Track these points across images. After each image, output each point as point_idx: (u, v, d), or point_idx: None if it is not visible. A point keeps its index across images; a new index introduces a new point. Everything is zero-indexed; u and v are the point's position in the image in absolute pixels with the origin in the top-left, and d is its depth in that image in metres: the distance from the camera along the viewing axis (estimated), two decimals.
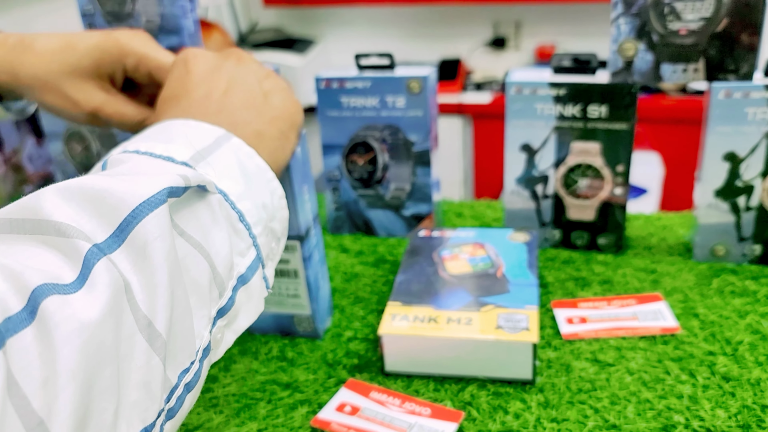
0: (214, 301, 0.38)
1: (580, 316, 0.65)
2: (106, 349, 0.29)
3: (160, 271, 0.33)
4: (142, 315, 0.31)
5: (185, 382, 0.35)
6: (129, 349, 0.30)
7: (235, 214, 0.40)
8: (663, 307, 0.65)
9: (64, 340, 0.27)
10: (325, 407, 0.55)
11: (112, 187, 0.33)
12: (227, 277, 0.39)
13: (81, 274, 0.29)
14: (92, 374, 0.28)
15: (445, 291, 0.62)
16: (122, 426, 0.30)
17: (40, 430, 0.25)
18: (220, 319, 0.39)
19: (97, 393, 0.28)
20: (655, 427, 0.51)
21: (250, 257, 0.41)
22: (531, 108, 0.74)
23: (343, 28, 2.57)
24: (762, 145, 0.68)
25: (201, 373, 0.37)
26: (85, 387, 0.27)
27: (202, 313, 0.37)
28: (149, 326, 0.32)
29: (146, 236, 0.32)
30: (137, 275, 0.32)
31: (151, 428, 0.32)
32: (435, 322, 0.58)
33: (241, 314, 0.41)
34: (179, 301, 0.34)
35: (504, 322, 0.57)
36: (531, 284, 0.62)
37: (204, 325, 0.37)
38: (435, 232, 0.74)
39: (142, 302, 0.32)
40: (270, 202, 0.44)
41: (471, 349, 0.56)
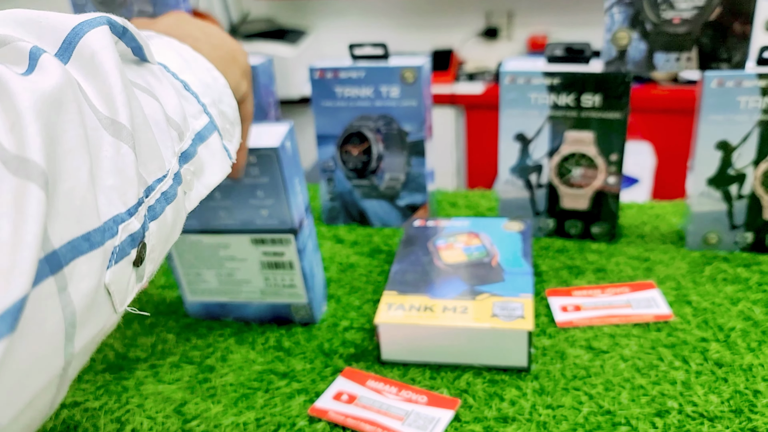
0: (175, 141, 0.38)
1: (574, 304, 0.65)
2: (67, 116, 0.28)
3: (112, 76, 0.32)
4: (103, 116, 0.31)
5: (161, 190, 0.35)
6: (95, 140, 0.30)
7: (179, 83, 0.41)
8: (656, 294, 0.66)
9: (21, 93, 0.26)
10: (322, 396, 0.55)
11: (46, 14, 0.32)
12: (183, 124, 0.39)
13: (29, 66, 0.29)
14: (55, 129, 0.27)
15: (440, 280, 0.63)
16: (102, 199, 0.30)
17: (16, 162, 0.25)
18: (186, 164, 0.39)
19: (65, 151, 0.28)
20: (649, 413, 0.51)
21: (203, 120, 0.42)
22: (525, 97, 0.74)
23: (335, 19, 2.56)
24: (754, 133, 0.68)
25: (177, 193, 0.37)
26: (50, 135, 0.27)
27: (165, 144, 0.36)
28: (113, 123, 0.31)
29: (93, 47, 0.32)
30: (91, 84, 0.32)
31: (134, 211, 0.32)
32: (431, 311, 0.58)
33: (207, 169, 0.42)
34: (137, 109, 0.34)
35: (499, 311, 0.57)
36: (526, 273, 0.63)
37: (170, 155, 0.37)
38: (430, 221, 0.74)
39: (100, 106, 0.31)
40: (214, 86, 0.44)
41: (466, 337, 0.57)
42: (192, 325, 0.67)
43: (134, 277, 0.33)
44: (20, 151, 0.25)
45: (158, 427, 0.54)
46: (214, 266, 0.64)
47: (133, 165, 0.32)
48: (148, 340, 0.65)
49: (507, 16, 2.42)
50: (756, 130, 0.68)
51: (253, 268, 0.63)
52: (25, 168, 0.25)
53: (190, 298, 0.67)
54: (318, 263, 0.67)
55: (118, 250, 0.30)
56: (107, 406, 0.56)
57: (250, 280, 0.64)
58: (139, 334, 0.66)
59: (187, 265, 0.64)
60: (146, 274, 0.35)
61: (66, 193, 0.27)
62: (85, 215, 0.28)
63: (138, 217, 0.32)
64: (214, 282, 0.65)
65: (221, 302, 0.66)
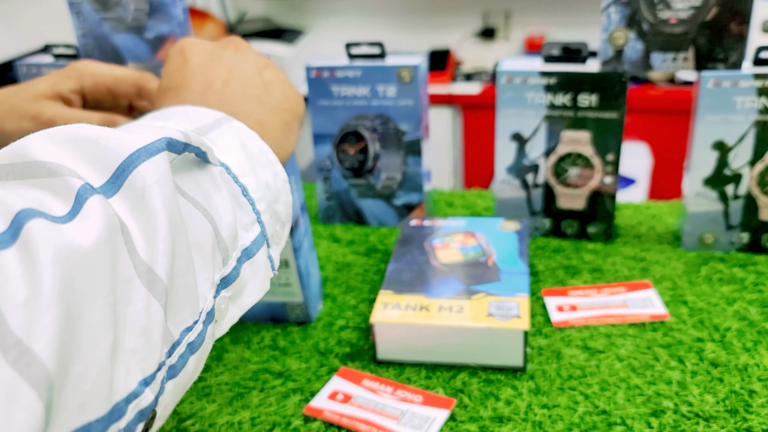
0: (218, 268, 0.36)
1: (570, 304, 0.65)
2: (98, 282, 0.26)
3: (159, 217, 0.30)
4: (140, 261, 0.29)
5: (188, 341, 0.33)
6: (126, 294, 0.28)
7: (238, 188, 0.39)
8: (652, 294, 0.66)
9: (49, 262, 0.24)
10: (317, 395, 0.55)
11: (107, 134, 0.31)
12: (231, 245, 0.37)
13: (73, 208, 0.27)
14: (81, 303, 0.25)
15: (436, 279, 0.62)
16: (120, 369, 0.28)
17: (17, 351, 0.22)
18: (225, 289, 0.37)
19: (87, 325, 0.26)
20: (645, 413, 0.51)
21: (254, 232, 0.40)
22: (522, 97, 0.74)
23: (332, 18, 2.56)
24: (750, 133, 0.68)
25: (205, 337, 0.34)
26: (72, 314, 0.25)
27: (206, 276, 0.35)
28: (149, 272, 0.29)
29: (144, 181, 0.30)
30: (136, 221, 0.30)
31: (150, 380, 0.29)
32: (426, 311, 0.58)
33: (247, 289, 0.39)
34: (181, 251, 0.32)
35: (495, 310, 0.57)
36: (522, 272, 0.63)
37: (207, 289, 0.35)
38: (426, 221, 0.74)
39: (140, 248, 0.29)
40: (273, 184, 0.42)
41: (462, 336, 0.57)
42: None
43: None
44: (27, 339, 0.23)
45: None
46: None
47: (160, 325, 0.30)
48: None
49: (504, 16, 2.42)
50: (752, 131, 0.68)
51: None
52: (27, 365, 0.22)
53: None
54: (314, 262, 0.67)
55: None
56: None
57: None
58: None
59: None
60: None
61: (76, 378, 0.25)
62: (91, 403, 0.26)
63: (153, 387, 0.30)
64: None
65: None
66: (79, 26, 0.85)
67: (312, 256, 0.66)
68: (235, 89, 0.47)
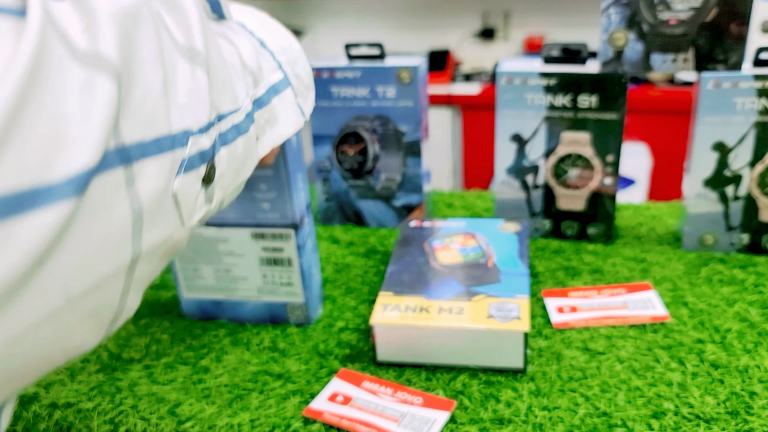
0: (249, 85, 0.38)
1: (570, 305, 0.65)
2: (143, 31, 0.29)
3: (191, 10, 0.33)
4: (179, 42, 0.32)
5: (234, 121, 0.36)
6: (170, 60, 0.31)
7: (256, 40, 0.41)
8: (652, 295, 0.66)
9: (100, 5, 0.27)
10: (317, 397, 0.55)
11: None
12: (258, 74, 0.39)
13: None
14: (132, 40, 0.28)
15: (436, 281, 0.62)
16: (173, 112, 0.30)
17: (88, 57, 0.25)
18: (260, 109, 0.39)
19: (140, 60, 0.28)
20: (645, 415, 0.51)
21: (278, 76, 0.42)
22: (521, 98, 0.74)
23: (331, 19, 2.56)
24: (750, 134, 0.68)
25: (250, 130, 0.37)
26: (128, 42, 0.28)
27: (239, 83, 0.37)
28: (189, 50, 0.32)
29: None
30: (169, 14, 0.32)
31: (205, 130, 0.33)
32: (426, 312, 0.58)
33: (280, 119, 0.42)
34: (212, 44, 0.34)
35: (495, 312, 0.57)
36: (522, 274, 0.62)
37: (244, 94, 0.37)
38: (426, 222, 0.74)
39: (175, 32, 0.32)
40: (289, 49, 0.44)
41: (462, 338, 0.57)
42: (186, 326, 0.66)
43: (203, 195, 0.34)
44: (93, 47, 0.26)
45: (152, 429, 0.53)
46: (212, 262, 0.64)
47: (206, 89, 0.33)
48: (142, 341, 0.64)
49: (503, 16, 2.42)
50: (752, 132, 0.68)
51: (251, 264, 0.63)
52: (97, 61, 0.26)
53: (186, 296, 0.66)
54: (316, 263, 0.67)
55: (187, 162, 0.31)
56: (101, 407, 0.56)
57: (248, 276, 0.64)
58: (133, 335, 0.66)
59: (185, 260, 0.64)
60: (215, 199, 0.35)
61: (138, 98, 0.28)
62: (156, 121, 0.29)
63: (209, 137, 0.33)
64: (212, 279, 0.65)
65: (217, 300, 0.66)
66: None
67: (315, 258, 0.66)
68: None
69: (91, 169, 0.25)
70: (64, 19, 0.26)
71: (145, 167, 0.28)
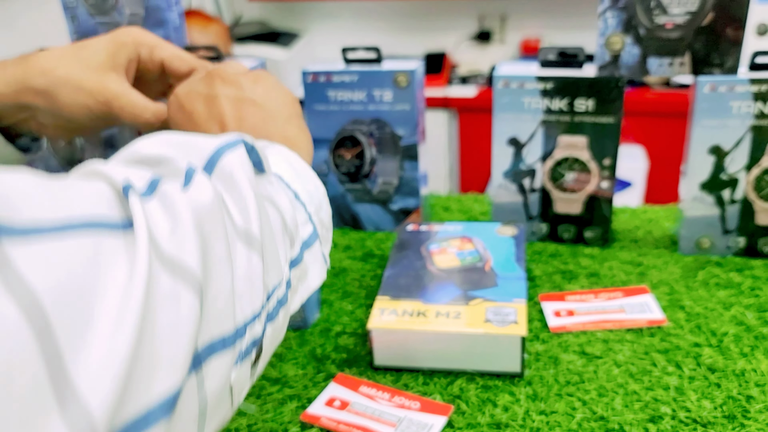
0: (288, 248, 0.40)
1: (567, 309, 0.65)
2: (218, 228, 0.31)
3: (247, 191, 0.35)
4: (238, 225, 0.34)
5: (277, 295, 0.38)
6: (231, 251, 0.33)
7: (291, 192, 0.43)
8: (650, 299, 0.66)
9: (184, 207, 0.30)
10: (314, 402, 0.55)
11: (194, 137, 0.37)
12: (295, 232, 0.41)
13: (185, 182, 0.32)
14: (209, 240, 0.30)
15: (433, 285, 0.62)
16: (237, 303, 0.32)
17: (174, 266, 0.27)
18: (293, 269, 0.41)
19: (215, 258, 0.31)
20: (642, 419, 0.51)
21: (309, 228, 0.44)
22: (518, 102, 0.74)
23: (328, 22, 2.56)
24: (746, 138, 0.68)
25: (288, 298, 0.39)
26: (205, 246, 0.30)
27: (282, 251, 0.39)
28: (246, 233, 0.34)
29: (231, 166, 0.36)
30: (229, 197, 0.35)
31: (258, 315, 0.34)
32: (423, 316, 0.58)
33: (310, 273, 0.44)
34: (265, 220, 0.37)
35: (492, 316, 0.57)
36: (519, 278, 0.62)
37: (284, 260, 0.39)
38: (423, 226, 0.74)
39: (236, 216, 0.34)
40: (315, 195, 0.46)
41: (460, 342, 0.56)
42: None
43: (250, 376, 0.35)
44: (179, 254, 0.28)
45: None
46: None
47: (260, 274, 0.35)
48: None
49: (500, 19, 2.42)
50: (748, 135, 0.68)
51: None
52: (183, 272, 0.28)
53: None
54: None
55: (243, 352, 0.33)
56: None
57: None
58: None
59: None
60: (257, 373, 0.37)
61: (212, 298, 0.30)
62: (224, 319, 0.31)
63: (260, 321, 0.35)
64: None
65: None
66: (74, 30, 0.85)
67: None
68: (249, 118, 0.49)
69: (181, 386, 0.27)
70: (154, 221, 0.28)
71: (212, 367, 0.30)
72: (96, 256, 0.25)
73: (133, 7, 0.81)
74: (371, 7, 2.49)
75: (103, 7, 0.82)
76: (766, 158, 0.69)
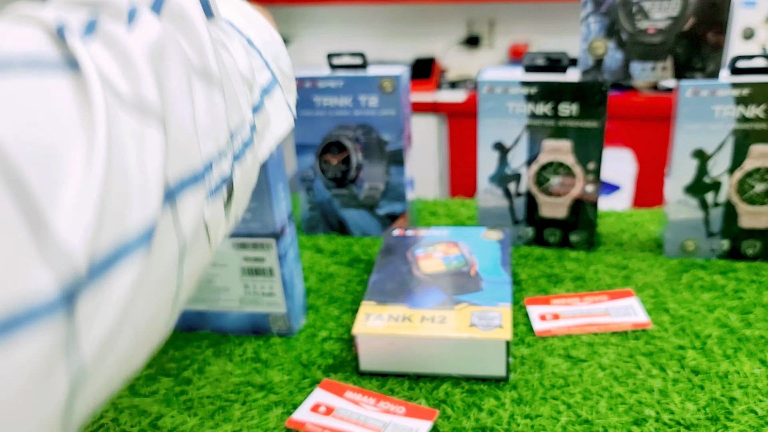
0: (247, 94, 0.39)
1: (552, 313, 0.65)
2: (170, 65, 0.30)
3: (201, 29, 0.34)
4: (195, 63, 0.33)
5: (242, 136, 0.37)
6: (190, 87, 0.32)
7: (245, 39, 0.42)
8: (634, 302, 0.66)
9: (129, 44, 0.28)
10: (299, 408, 0.55)
11: None
12: (252, 79, 0.40)
13: (129, 21, 0.30)
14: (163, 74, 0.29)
15: (419, 290, 0.62)
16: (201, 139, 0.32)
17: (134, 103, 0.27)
18: (256, 115, 0.41)
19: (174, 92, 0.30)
20: (627, 421, 0.51)
21: (266, 75, 0.43)
22: (503, 106, 0.74)
23: (317, 27, 2.56)
24: (729, 142, 0.69)
25: (254, 140, 0.39)
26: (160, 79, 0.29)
27: (241, 95, 0.38)
28: (205, 73, 0.34)
29: (181, 3, 0.34)
30: (183, 36, 0.34)
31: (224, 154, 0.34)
32: (409, 321, 0.58)
33: (273, 121, 0.44)
34: (221, 62, 0.35)
35: (477, 320, 0.57)
36: (504, 282, 0.63)
37: (246, 105, 0.39)
38: (409, 231, 0.74)
39: (191, 54, 0.33)
40: (272, 43, 0.45)
41: (445, 347, 0.57)
42: (169, 337, 0.66)
43: (224, 215, 0.35)
44: (136, 91, 0.27)
45: None
46: None
47: (223, 111, 0.34)
48: None
49: (488, 24, 2.43)
50: (730, 139, 0.69)
51: (233, 275, 0.63)
52: (143, 109, 0.27)
53: None
54: (298, 273, 0.66)
55: (214, 188, 0.33)
56: None
57: (229, 287, 0.64)
58: None
59: None
60: (232, 215, 0.37)
61: (174, 135, 0.29)
62: (191, 154, 0.31)
63: (227, 159, 0.35)
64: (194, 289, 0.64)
65: (200, 311, 0.65)
66: None
67: (297, 268, 0.66)
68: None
69: (156, 219, 0.27)
70: (104, 63, 0.27)
71: (185, 202, 0.30)
72: (47, 96, 0.24)
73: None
74: (360, 12, 2.49)
75: None
76: (749, 161, 0.69)
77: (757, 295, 0.67)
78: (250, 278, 0.63)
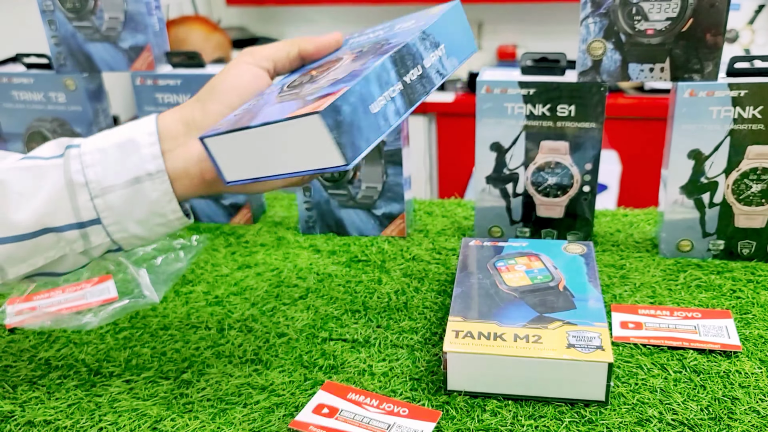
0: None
1: (635, 322, 0.63)
2: None
3: None
4: None
5: None
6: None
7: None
8: (729, 324, 0.62)
9: None
10: (302, 410, 0.54)
11: None
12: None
13: None
14: None
15: (506, 305, 0.60)
16: None
17: None
18: None
19: None
20: (630, 422, 0.52)
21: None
22: (501, 107, 0.74)
23: (307, 27, 2.55)
24: (725, 143, 0.69)
25: None
26: None
27: None
28: None
29: None
30: None
31: None
32: (501, 340, 0.55)
33: None
34: None
35: (575, 341, 0.54)
36: (596, 299, 0.59)
37: None
38: (486, 241, 0.71)
39: None
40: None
41: (542, 368, 0.53)
42: (167, 339, 0.65)
43: None
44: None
45: None
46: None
47: None
48: (122, 355, 0.63)
49: (477, 26, 2.44)
50: (727, 140, 0.69)
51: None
52: None
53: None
54: None
55: None
56: (80, 424, 0.54)
57: None
58: (113, 349, 0.64)
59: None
60: None
61: None
62: None
63: None
64: None
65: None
66: (51, 35, 0.83)
67: None
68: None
69: None
70: None
71: None
72: None
73: (111, 11, 0.80)
74: (349, 12, 2.49)
75: (81, 12, 0.81)
76: (745, 162, 0.70)
77: (754, 295, 0.67)
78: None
